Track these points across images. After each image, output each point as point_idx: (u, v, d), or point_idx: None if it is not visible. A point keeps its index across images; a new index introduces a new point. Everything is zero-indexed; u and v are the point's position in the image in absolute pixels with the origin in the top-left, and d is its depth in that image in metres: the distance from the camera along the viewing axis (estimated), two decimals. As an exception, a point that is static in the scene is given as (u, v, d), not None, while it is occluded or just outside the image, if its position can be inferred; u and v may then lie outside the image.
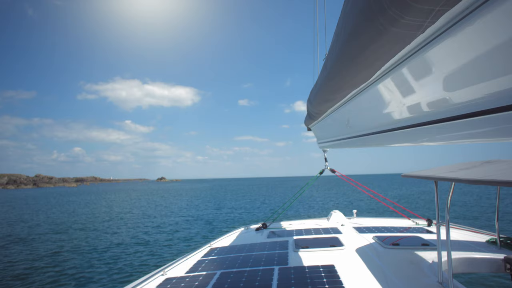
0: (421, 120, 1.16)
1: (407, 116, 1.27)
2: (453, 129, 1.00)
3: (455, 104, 0.94)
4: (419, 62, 1.00)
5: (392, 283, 2.31)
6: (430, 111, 1.10)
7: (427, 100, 1.09)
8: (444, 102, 0.99)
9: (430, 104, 1.08)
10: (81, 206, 33.76)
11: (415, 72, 1.07)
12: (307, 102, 2.56)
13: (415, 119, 1.20)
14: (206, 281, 2.61)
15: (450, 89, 0.93)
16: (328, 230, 4.53)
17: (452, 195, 2.18)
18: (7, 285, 8.44)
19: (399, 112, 1.30)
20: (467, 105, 0.89)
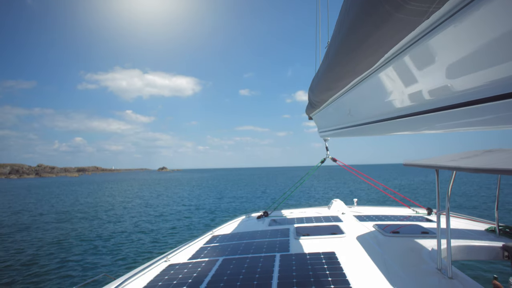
0: (422, 109, 1.16)
1: (408, 105, 1.27)
2: (454, 117, 1.00)
3: (457, 92, 0.95)
4: (422, 49, 1.00)
5: (392, 269, 2.36)
6: (431, 99, 1.10)
7: (428, 88, 1.09)
8: (445, 90, 1.00)
9: (431, 92, 1.08)
10: (84, 196, 34.11)
11: (418, 59, 1.07)
12: (309, 90, 2.55)
13: (416, 107, 1.21)
14: (209, 267, 2.67)
15: (452, 77, 0.94)
16: (328, 218, 4.58)
17: (453, 184, 2.19)
18: (14, 272, 8.63)
19: (400, 100, 1.30)
20: (468, 93, 0.89)
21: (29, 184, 66.24)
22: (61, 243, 11.92)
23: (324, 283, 2.11)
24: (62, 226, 15.68)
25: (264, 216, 5.18)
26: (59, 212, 20.77)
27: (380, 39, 0.94)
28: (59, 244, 11.76)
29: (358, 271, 2.34)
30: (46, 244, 11.80)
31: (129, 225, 15.71)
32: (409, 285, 2.05)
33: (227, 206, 22.62)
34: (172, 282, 2.33)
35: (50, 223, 16.52)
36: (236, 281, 2.26)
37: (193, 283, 2.28)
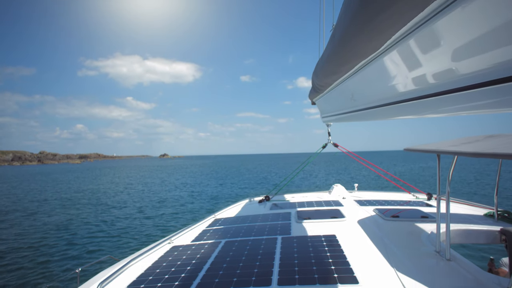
0: (425, 93, 1.16)
1: (412, 89, 1.27)
2: (457, 100, 1.00)
3: (461, 75, 0.95)
4: (430, 31, 0.99)
5: (391, 251, 2.41)
6: (435, 83, 1.10)
7: (432, 71, 1.09)
8: (449, 74, 1.00)
9: (435, 75, 1.08)
10: (87, 182, 34.47)
11: (423, 43, 1.07)
12: (313, 74, 2.54)
13: (419, 91, 1.21)
14: (212, 249, 2.72)
15: (457, 60, 0.94)
16: (329, 203, 4.64)
17: (453, 169, 2.21)
18: (22, 254, 8.86)
19: (404, 84, 1.31)
20: (472, 76, 0.89)
21: (33, 171, 66.81)
22: (66, 227, 12.17)
23: (325, 264, 2.16)
24: (67, 211, 15.96)
25: (266, 201, 5.24)
26: (64, 198, 21.08)
27: (388, 20, 0.94)
28: (65, 228, 12.01)
29: (358, 253, 2.39)
30: (52, 229, 12.05)
31: (133, 210, 15.97)
32: (408, 266, 2.10)
33: (229, 192, 22.87)
34: (176, 263, 2.39)
35: (55, 209, 16.80)
36: (238, 262, 2.31)
37: (197, 264, 2.34)
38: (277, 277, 1.98)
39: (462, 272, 1.98)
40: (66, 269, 7.73)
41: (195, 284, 1.95)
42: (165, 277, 2.10)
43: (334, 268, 2.08)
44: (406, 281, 1.88)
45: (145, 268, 2.34)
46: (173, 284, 1.98)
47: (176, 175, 43.92)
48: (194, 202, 18.47)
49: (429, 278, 1.89)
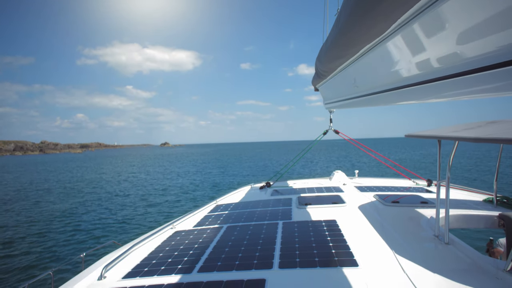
0: (429, 77, 1.17)
1: (415, 73, 1.27)
2: (461, 84, 1.00)
3: (465, 59, 0.95)
4: (434, 14, 0.99)
5: (391, 236, 2.45)
6: (438, 67, 1.10)
7: (437, 55, 1.09)
8: (454, 57, 0.99)
9: (439, 60, 1.08)
10: (90, 171, 34.71)
11: (429, 26, 1.06)
12: (316, 60, 2.52)
13: (423, 76, 1.21)
14: (214, 234, 2.76)
15: (463, 43, 0.93)
16: (330, 189, 4.68)
17: (454, 154, 2.23)
18: (27, 242, 9.06)
19: (407, 69, 1.31)
20: (477, 59, 0.90)
21: (35, 160, 67.15)
22: (71, 215, 12.36)
23: (326, 248, 2.21)
24: (72, 200, 16.16)
25: (267, 187, 5.28)
26: (68, 187, 21.29)
27: (392, 4, 0.94)
28: (70, 216, 12.21)
29: (358, 237, 2.43)
30: (57, 216, 12.24)
31: (136, 198, 16.17)
32: (407, 250, 2.15)
33: (230, 179, 23.04)
34: (179, 247, 2.43)
35: (60, 197, 17.02)
36: (240, 246, 2.35)
37: (199, 248, 2.38)
38: (278, 261, 2.03)
39: (460, 255, 2.02)
40: (71, 254, 7.92)
41: (198, 267, 2.00)
42: (168, 261, 2.15)
43: (335, 252, 2.12)
44: (405, 263, 1.92)
45: (148, 252, 2.38)
46: (176, 267, 2.03)
47: (178, 164, 44.13)
48: (197, 189, 18.65)
49: (428, 261, 1.94)
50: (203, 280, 1.81)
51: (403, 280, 1.72)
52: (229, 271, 1.92)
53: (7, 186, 23.07)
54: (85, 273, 2.05)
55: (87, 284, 1.90)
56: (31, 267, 7.06)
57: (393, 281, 1.73)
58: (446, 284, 1.65)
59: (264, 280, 1.75)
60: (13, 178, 29.08)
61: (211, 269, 1.97)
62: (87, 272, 2.06)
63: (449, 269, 1.82)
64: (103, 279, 1.94)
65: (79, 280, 1.94)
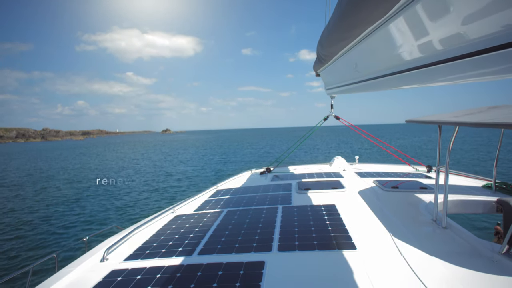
0: (432, 60, 1.14)
1: (418, 56, 1.25)
2: (464, 67, 0.99)
3: (471, 39, 0.92)
4: None
5: (389, 220, 2.49)
6: (442, 50, 1.08)
7: (440, 37, 1.06)
8: (458, 39, 0.97)
9: (443, 41, 1.06)
10: (93, 158, 34.95)
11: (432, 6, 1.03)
12: (318, 44, 2.48)
13: (426, 59, 1.19)
14: (214, 218, 2.80)
15: (468, 23, 0.91)
16: (330, 174, 4.71)
17: (454, 140, 2.22)
18: (32, 226, 9.26)
19: (410, 52, 1.28)
20: (482, 40, 0.87)
21: (37, 147, 67.51)
22: (75, 200, 12.55)
23: (324, 231, 2.24)
24: (75, 186, 16.37)
25: (267, 172, 5.31)
26: (71, 174, 21.51)
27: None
28: (74, 202, 12.39)
29: (357, 222, 2.47)
30: (60, 202, 12.44)
31: (139, 184, 16.37)
32: (404, 234, 2.18)
33: (232, 166, 23.18)
34: (179, 231, 2.48)
35: (64, 184, 17.23)
36: (240, 230, 2.39)
37: (199, 232, 2.43)
38: (278, 244, 2.06)
39: (457, 239, 2.06)
40: (74, 238, 8.10)
41: (198, 250, 2.05)
42: (169, 244, 2.19)
43: (333, 236, 2.16)
44: (402, 247, 1.96)
45: (150, 236, 2.42)
46: (177, 250, 2.07)
47: (180, 150, 44.32)
48: (199, 175, 18.84)
49: (425, 244, 1.97)
50: (203, 262, 1.85)
51: (400, 262, 1.76)
52: (229, 253, 1.96)
53: (14, 172, 23.32)
54: (87, 256, 2.10)
55: (89, 266, 1.95)
56: (34, 252, 7.24)
57: (389, 263, 1.77)
58: (442, 266, 1.69)
59: (263, 262, 1.79)
60: (18, 165, 29.35)
61: (211, 251, 2.01)
62: (89, 255, 2.11)
63: (445, 252, 1.85)
64: (105, 261, 1.99)
65: (81, 262, 1.99)
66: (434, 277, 1.56)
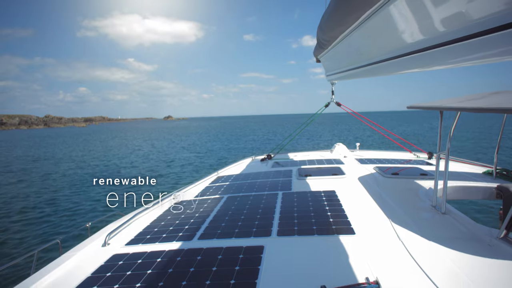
0: (433, 42, 1.12)
1: (419, 39, 1.21)
2: (470, 48, 0.95)
3: (477, 19, 0.89)
4: None
5: (389, 206, 2.50)
6: (444, 31, 1.04)
7: (443, 16, 1.02)
8: (463, 18, 0.93)
9: (445, 22, 1.02)
10: (96, 145, 35.14)
11: None
12: (318, 29, 2.43)
13: (427, 41, 1.16)
14: (214, 204, 2.84)
15: (472, 1, 0.88)
16: (330, 161, 4.71)
17: (455, 125, 2.20)
18: (37, 211, 9.45)
19: (412, 34, 1.25)
20: (488, 19, 0.84)
21: (41, 134, 67.83)
22: (78, 187, 12.72)
23: (324, 217, 2.27)
24: (79, 171, 16.55)
25: (268, 159, 5.32)
26: (76, 160, 21.70)
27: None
28: (78, 187, 12.57)
29: (356, 207, 2.49)
30: (65, 187, 12.62)
31: (142, 170, 16.54)
32: (403, 219, 2.19)
33: (235, 152, 23.26)
34: (180, 216, 2.51)
35: (69, 170, 17.42)
36: (240, 215, 2.42)
37: (200, 217, 2.46)
38: (277, 229, 2.09)
39: (456, 224, 2.07)
40: (78, 223, 8.27)
41: (198, 235, 2.08)
42: (169, 229, 2.22)
43: (332, 221, 2.18)
44: (401, 232, 1.97)
45: (150, 221, 2.46)
46: (177, 235, 2.10)
47: (183, 137, 44.42)
48: (203, 162, 18.96)
49: (423, 229, 1.99)
50: (203, 246, 1.88)
51: (398, 247, 1.78)
52: (229, 238, 1.99)
53: (18, 160, 23.55)
54: (89, 240, 2.14)
55: (91, 250, 1.99)
56: (39, 237, 7.41)
57: (388, 247, 1.79)
58: (439, 250, 1.71)
59: (262, 247, 1.81)
60: (22, 151, 29.61)
61: (211, 236, 2.04)
62: (91, 239, 2.15)
63: (443, 237, 1.86)
64: (106, 246, 2.03)
65: (84, 246, 2.03)
66: (432, 261, 1.59)
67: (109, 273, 1.63)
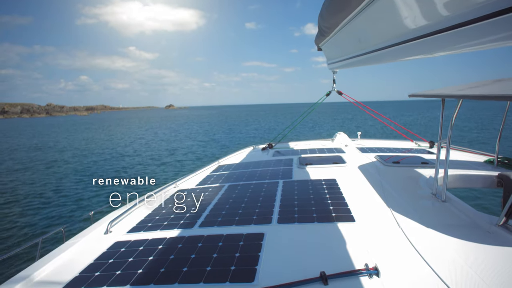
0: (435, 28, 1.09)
1: (421, 25, 1.19)
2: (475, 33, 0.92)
3: (476, 3, 0.87)
4: None
5: (389, 194, 2.51)
6: (446, 16, 1.02)
7: (444, 1, 1.00)
8: (463, 3, 0.92)
9: (447, 6, 1.00)
10: (99, 133, 35.26)
11: None
12: (319, 16, 2.38)
13: (429, 27, 1.13)
14: (215, 192, 2.85)
15: None
16: (332, 150, 4.71)
17: (457, 113, 2.18)
18: (42, 199, 9.59)
19: (413, 20, 1.22)
20: (488, 4, 0.82)
21: (43, 123, 68.00)
22: (82, 174, 12.85)
23: (324, 205, 2.28)
24: (84, 160, 16.69)
25: (269, 148, 5.32)
26: (78, 149, 21.84)
27: None
28: (83, 174, 12.70)
29: (357, 195, 2.50)
30: (72, 174, 12.75)
31: (145, 158, 16.66)
32: (403, 207, 2.20)
33: (238, 141, 23.31)
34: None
35: (73, 157, 17.59)
36: (241, 203, 2.44)
37: (201, 205, 2.48)
38: (277, 216, 2.11)
39: (456, 212, 2.08)
40: (81, 211, 8.40)
41: (199, 223, 2.10)
42: (170, 217, 2.25)
43: (333, 209, 2.19)
44: (401, 219, 1.98)
45: (152, 210, 2.48)
46: (178, 222, 2.12)
47: (185, 126, 44.46)
48: (205, 150, 19.04)
49: (423, 217, 2.00)
50: (204, 234, 1.90)
51: (397, 234, 1.79)
52: (229, 226, 2.01)
53: (22, 148, 23.72)
54: (92, 228, 2.17)
55: (94, 238, 2.02)
56: (43, 225, 7.55)
57: (387, 234, 1.80)
58: (438, 237, 1.72)
59: (262, 234, 1.83)
60: (26, 139, 29.78)
61: (212, 224, 2.06)
62: (94, 227, 2.18)
63: (443, 224, 1.88)
64: (108, 233, 2.06)
65: (86, 234, 2.06)
66: (430, 248, 1.60)
67: (111, 259, 1.66)
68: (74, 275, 1.54)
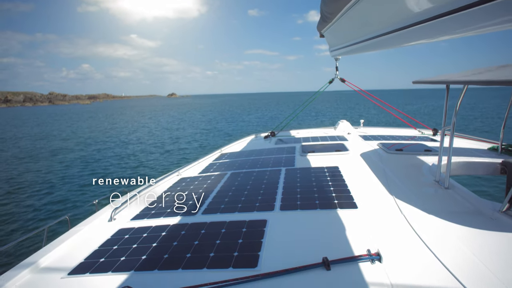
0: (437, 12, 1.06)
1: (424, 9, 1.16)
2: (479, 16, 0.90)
3: None
4: None
5: (392, 181, 2.51)
6: None
7: None
8: None
9: None
10: (102, 121, 35.34)
11: None
12: (321, 2, 2.33)
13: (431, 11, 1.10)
14: (218, 180, 2.87)
15: None
16: (334, 138, 4.69)
17: (462, 99, 2.14)
18: (47, 187, 9.72)
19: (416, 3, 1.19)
20: None
21: (46, 111, 68.10)
22: (86, 163, 12.97)
23: (326, 192, 2.28)
24: (88, 148, 16.80)
25: (271, 136, 5.31)
26: (82, 137, 21.95)
27: None
28: (87, 162, 12.82)
29: (359, 183, 2.50)
30: (76, 163, 12.87)
31: (148, 146, 16.76)
32: (406, 194, 2.20)
33: (239, 129, 23.29)
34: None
35: (77, 145, 17.71)
36: (243, 191, 2.45)
37: (203, 193, 2.50)
38: (280, 203, 2.12)
39: (459, 199, 2.07)
40: (85, 200, 8.52)
41: (202, 210, 2.12)
42: (174, 204, 2.27)
43: (335, 196, 2.20)
44: (403, 206, 1.99)
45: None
46: (182, 210, 2.15)
47: (188, 114, 44.40)
48: (208, 138, 19.09)
49: (426, 204, 2.00)
50: (207, 221, 1.92)
51: (400, 220, 1.80)
52: (232, 213, 2.02)
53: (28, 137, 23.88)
54: (96, 216, 2.21)
55: (98, 225, 2.05)
56: (48, 213, 7.67)
57: (389, 220, 1.81)
58: (441, 224, 1.72)
59: (265, 221, 1.85)
60: (30, 129, 29.94)
61: (215, 211, 2.08)
62: (98, 215, 2.22)
63: (446, 211, 1.88)
64: (112, 221, 2.09)
65: (91, 221, 2.09)
66: (433, 234, 1.61)
67: (115, 246, 1.69)
68: (80, 261, 1.57)
